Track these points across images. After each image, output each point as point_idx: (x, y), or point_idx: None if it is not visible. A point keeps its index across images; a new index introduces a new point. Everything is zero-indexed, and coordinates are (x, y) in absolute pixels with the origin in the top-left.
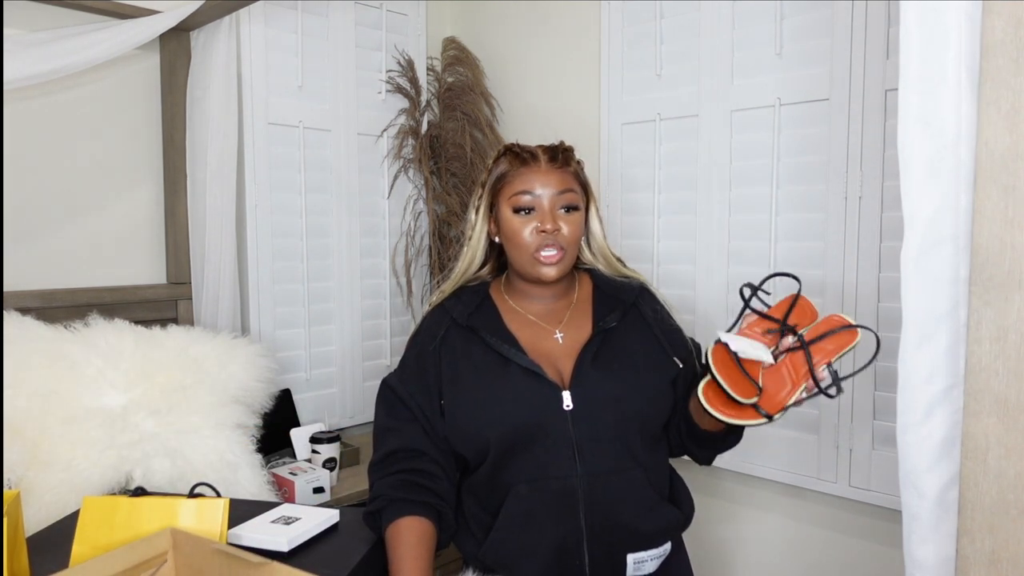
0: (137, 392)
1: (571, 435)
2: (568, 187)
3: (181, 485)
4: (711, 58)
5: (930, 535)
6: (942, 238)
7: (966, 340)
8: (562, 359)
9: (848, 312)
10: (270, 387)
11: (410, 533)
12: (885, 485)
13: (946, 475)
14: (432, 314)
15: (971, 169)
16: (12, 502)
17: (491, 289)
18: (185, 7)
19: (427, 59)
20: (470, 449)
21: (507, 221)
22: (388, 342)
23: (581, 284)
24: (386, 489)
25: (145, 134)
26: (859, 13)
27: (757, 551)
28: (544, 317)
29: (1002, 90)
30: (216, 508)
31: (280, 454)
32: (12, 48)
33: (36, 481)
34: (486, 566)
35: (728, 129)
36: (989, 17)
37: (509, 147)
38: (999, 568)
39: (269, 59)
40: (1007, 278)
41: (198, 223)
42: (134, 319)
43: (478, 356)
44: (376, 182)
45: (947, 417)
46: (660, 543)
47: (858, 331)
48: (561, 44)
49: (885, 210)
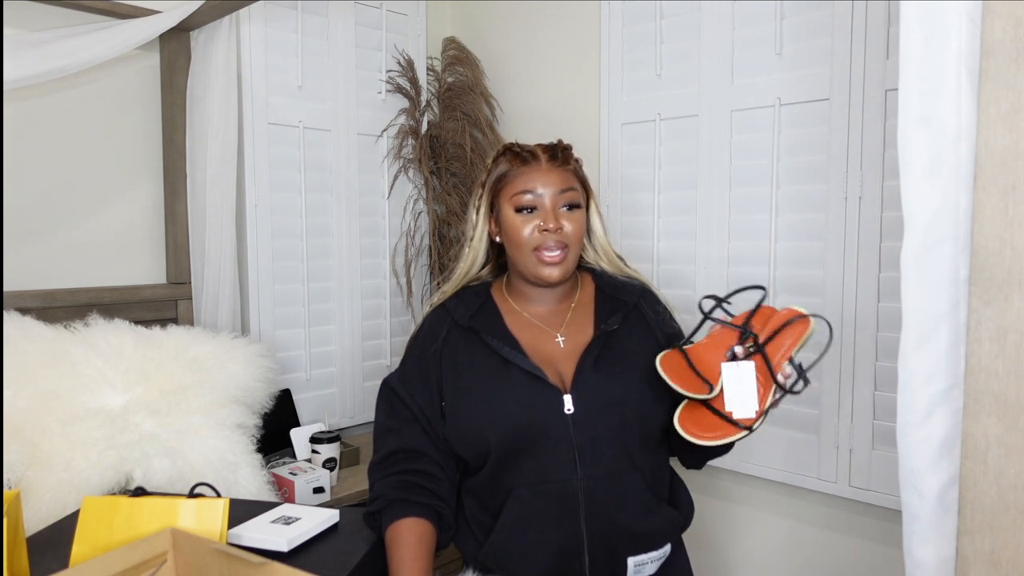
0: (137, 392)
1: (572, 438)
2: (569, 185)
3: (181, 485)
4: (711, 58)
5: (930, 535)
6: (942, 238)
7: (966, 340)
8: (563, 362)
9: (848, 312)
10: (270, 387)
11: (410, 534)
12: (885, 485)
13: (946, 475)
14: (433, 315)
15: (971, 169)
16: (12, 502)
17: (492, 290)
18: (185, 7)
19: (427, 59)
20: (471, 451)
21: (509, 221)
22: (388, 342)
23: (583, 285)
24: (386, 490)
25: (145, 134)
26: (859, 13)
27: (757, 551)
28: (545, 319)
29: (1002, 90)
30: (216, 508)
31: (280, 454)
32: (12, 48)
33: (36, 481)
34: (486, 568)
35: (728, 129)
36: (989, 17)
37: (509, 146)
38: (999, 568)
39: (269, 59)
40: (1007, 278)
41: (198, 223)
42: (134, 319)
43: (479, 358)
44: (376, 182)
45: (947, 417)
46: (660, 545)
47: (811, 319)
48: (561, 44)
49: (885, 210)
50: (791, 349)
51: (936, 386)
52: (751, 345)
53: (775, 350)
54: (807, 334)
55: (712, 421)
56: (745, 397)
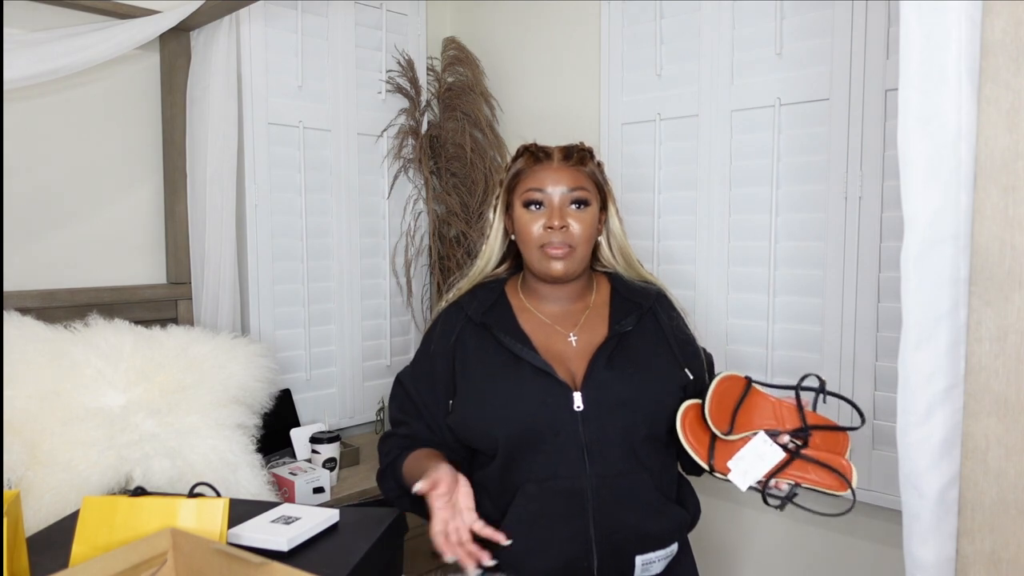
0: (137, 392)
1: (581, 436)
2: (579, 185)
3: (181, 485)
4: (711, 58)
5: (930, 535)
6: (942, 238)
7: (966, 340)
8: (574, 360)
9: (848, 312)
10: (270, 387)
11: (421, 452)
12: (885, 485)
13: (946, 475)
14: (447, 312)
15: (971, 169)
16: (12, 502)
17: (507, 287)
18: (185, 7)
19: (427, 59)
20: (481, 445)
21: (519, 218)
22: (388, 342)
23: (599, 287)
24: (394, 444)
25: (145, 134)
26: (859, 13)
27: (759, 551)
28: (559, 319)
29: (1002, 90)
30: (216, 508)
31: (280, 454)
32: (12, 48)
33: (36, 481)
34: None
35: (728, 129)
36: (989, 17)
37: (527, 146)
38: (999, 568)
39: (269, 59)
40: (1007, 278)
41: (198, 223)
42: (134, 319)
43: (490, 354)
44: (376, 182)
45: (947, 417)
46: (667, 544)
47: (848, 488)
48: (561, 44)
49: (885, 210)
50: (808, 483)
51: (936, 386)
52: (794, 443)
53: (799, 468)
54: (832, 491)
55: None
56: (750, 470)
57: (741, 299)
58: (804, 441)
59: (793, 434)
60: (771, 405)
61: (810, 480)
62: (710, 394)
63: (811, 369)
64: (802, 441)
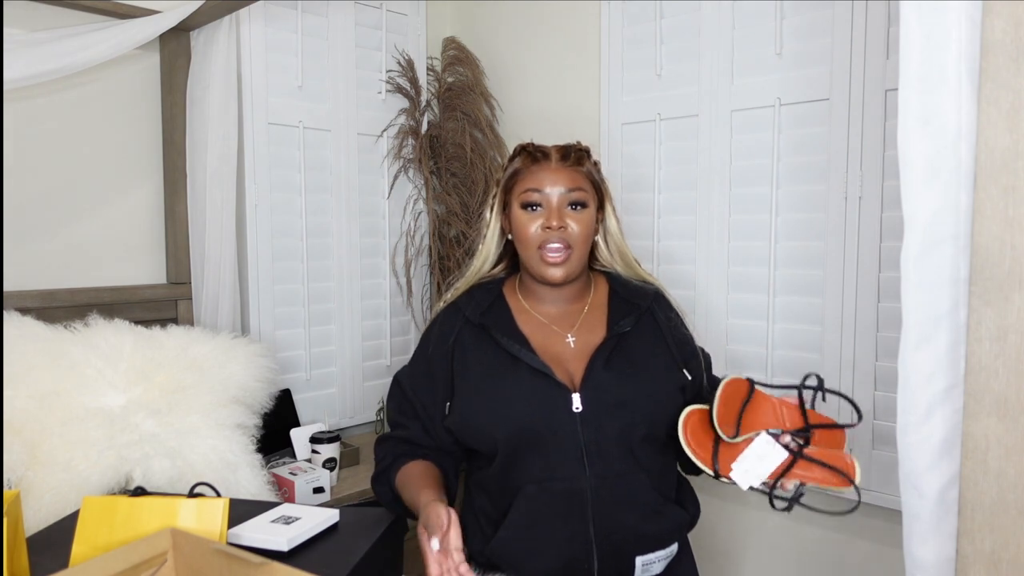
0: (137, 392)
1: (579, 437)
2: (577, 186)
3: (181, 485)
4: (711, 58)
5: (930, 535)
6: (942, 238)
7: (966, 340)
8: (573, 361)
9: (848, 312)
10: (270, 387)
11: (415, 467)
12: (885, 485)
13: (946, 475)
14: (445, 313)
15: (971, 169)
16: (12, 502)
17: (504, 288)
18: (185, 7)
19: (427, 59)
20: (480, 446)
21: (516, 218)
22: (388, 342)
23: (597, 287)
24: (390, 449)
25: (145, 134)
26: (859, 13)
27: (759, 551)
28: (557, 320)
29: (1002, 90)
30: (216, 508)
31: (280, 454)
32: (12, 48)
33: (36, 481)
34: (492, 564)
35: (728, 129)
36: (989, 17)
37: (524, 146)
38: (999, 568)
39: (269, 59)
40: (1007, 278)
41: (198, 223)
42: (134, 319)
43: (488, 355)
44: (376, 182)
45: (947, 417)
46: (667, 544)
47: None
48: (561, 44)
49: (885, 210)
50: (812, 481)
51: (936, 386)
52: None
53: (803, 468)
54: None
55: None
56: (752, 471)
57: (741, 299)
58: (806, 440)
59: (794, 434)
60: (772, 405)
61: (814, 479)
62: (717, 399)
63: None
64: (804, 440)
